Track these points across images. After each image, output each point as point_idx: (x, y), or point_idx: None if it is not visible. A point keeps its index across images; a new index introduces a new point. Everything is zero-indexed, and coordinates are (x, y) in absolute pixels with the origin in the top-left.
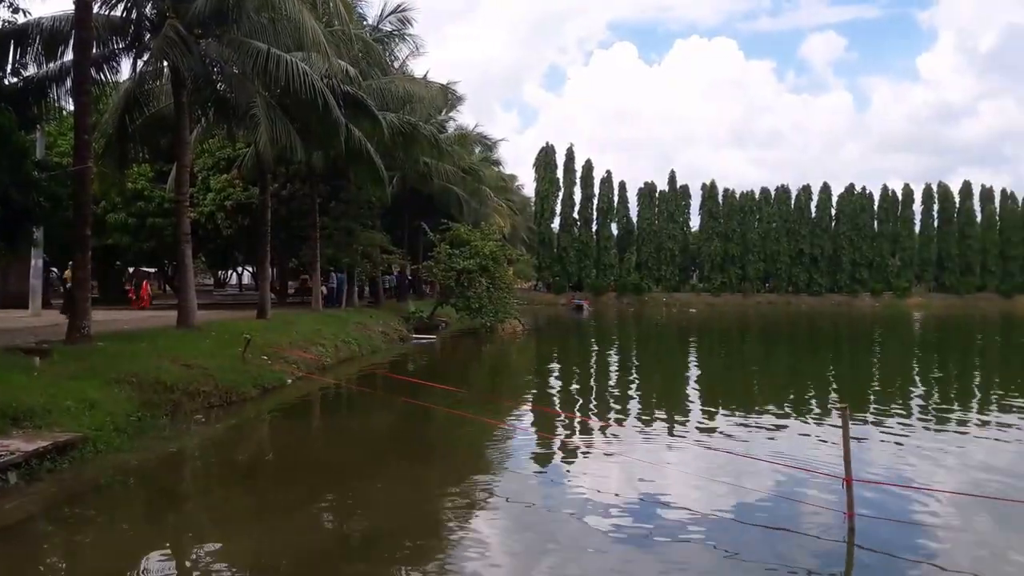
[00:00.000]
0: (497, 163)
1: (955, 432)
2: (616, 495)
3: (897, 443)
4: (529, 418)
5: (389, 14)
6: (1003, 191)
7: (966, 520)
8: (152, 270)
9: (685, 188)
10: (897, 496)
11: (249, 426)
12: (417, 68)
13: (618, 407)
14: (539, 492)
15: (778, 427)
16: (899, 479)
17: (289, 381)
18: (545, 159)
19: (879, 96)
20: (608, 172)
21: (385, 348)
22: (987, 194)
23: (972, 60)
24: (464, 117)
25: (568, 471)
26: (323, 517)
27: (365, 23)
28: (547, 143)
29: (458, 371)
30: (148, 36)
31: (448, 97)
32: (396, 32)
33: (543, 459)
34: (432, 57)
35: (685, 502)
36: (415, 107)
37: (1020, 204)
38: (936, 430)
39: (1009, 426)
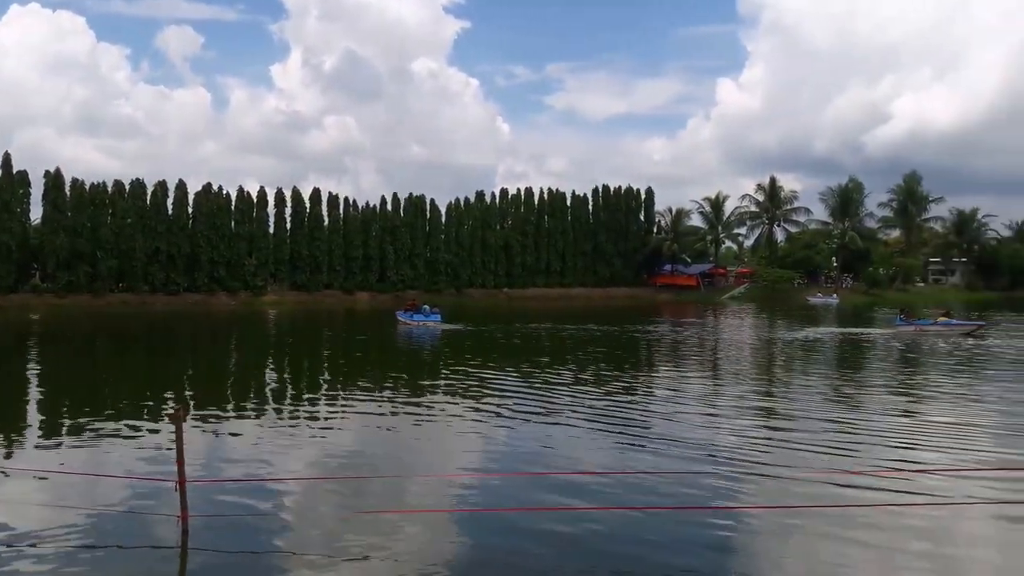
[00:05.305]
0: None
1: (305, 422)
2: None
3: (247, 439)
4: None
5: None
6: (346, 199)
7: (307, 504)
8: None
9: (24, 175)
10: (241, 491)
11: None
12: None
13: None
14: None
15: (128, 436)
16: (244, 474)
17: None
18: None
19: (236, 98)
20: None
21: None
22: (333, 201)
23: (318, 77)
24: None
25: None
26: None
27: None
28: None
29: None
30: None
31: None
32: None
33: None
34: None
35: (14, 538)
36: None
37: (360, 211)
38: (286, 423)
39: (351, 408)
